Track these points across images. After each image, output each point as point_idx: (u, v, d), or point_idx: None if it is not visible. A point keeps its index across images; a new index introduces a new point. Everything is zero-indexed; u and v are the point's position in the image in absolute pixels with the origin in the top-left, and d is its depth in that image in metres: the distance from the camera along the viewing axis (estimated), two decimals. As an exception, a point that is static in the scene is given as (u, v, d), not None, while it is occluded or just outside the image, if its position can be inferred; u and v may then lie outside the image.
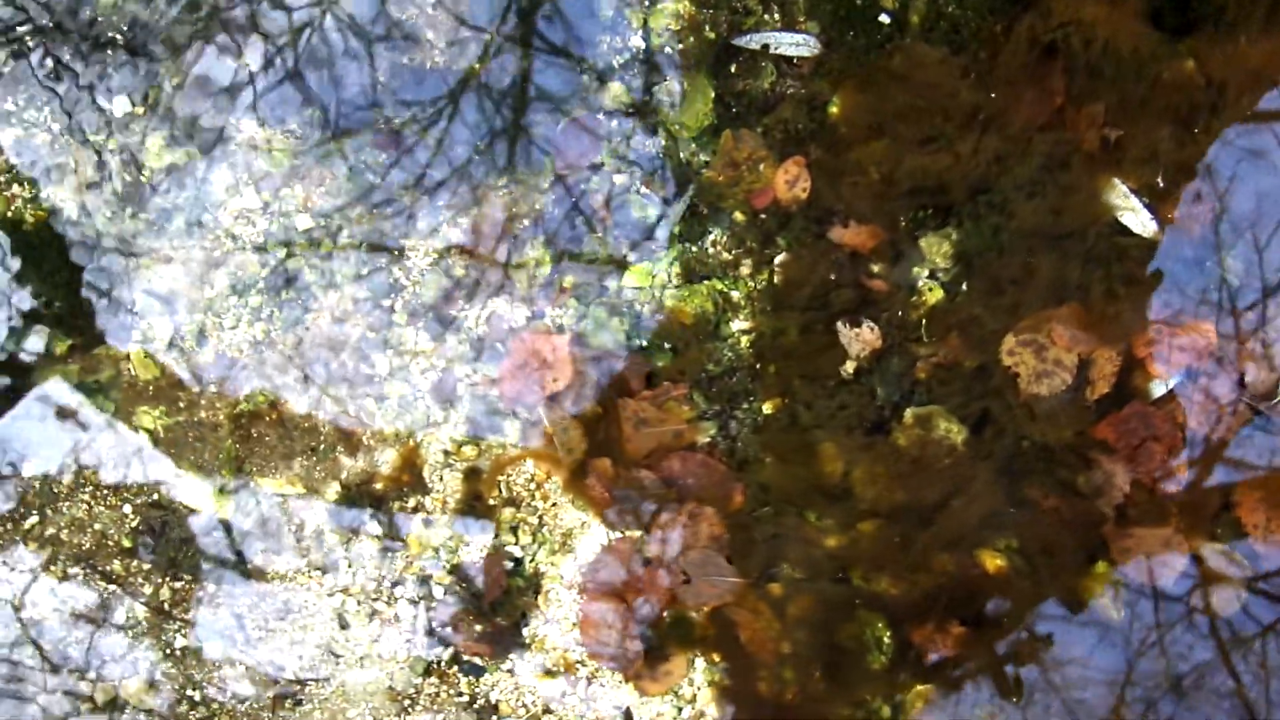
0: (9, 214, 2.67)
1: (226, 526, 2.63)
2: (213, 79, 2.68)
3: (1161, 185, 2.57)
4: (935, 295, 2.59)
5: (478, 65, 2.70)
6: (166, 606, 2.63)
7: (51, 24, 2.68)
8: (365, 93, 2.68)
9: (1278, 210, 2.54)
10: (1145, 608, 2.51)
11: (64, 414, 2.63)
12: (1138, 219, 2.56)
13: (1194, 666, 2.50)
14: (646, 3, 2.71)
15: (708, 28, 2.69)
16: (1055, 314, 2.55)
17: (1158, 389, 2.52)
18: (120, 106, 2.67)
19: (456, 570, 2.62)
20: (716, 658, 2.58)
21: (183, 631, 2.63)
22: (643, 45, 2.71)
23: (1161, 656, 2.51)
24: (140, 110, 2.68)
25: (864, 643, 2.53)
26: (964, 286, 2.60)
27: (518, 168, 2.68)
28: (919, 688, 2.51)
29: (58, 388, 2.64)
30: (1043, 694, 2.53)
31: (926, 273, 2.61)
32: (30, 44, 2.68)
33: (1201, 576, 2.51)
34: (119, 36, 2.68)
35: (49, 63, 2.68)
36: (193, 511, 2.63)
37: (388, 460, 2.63)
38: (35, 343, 2.64)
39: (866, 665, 2.53)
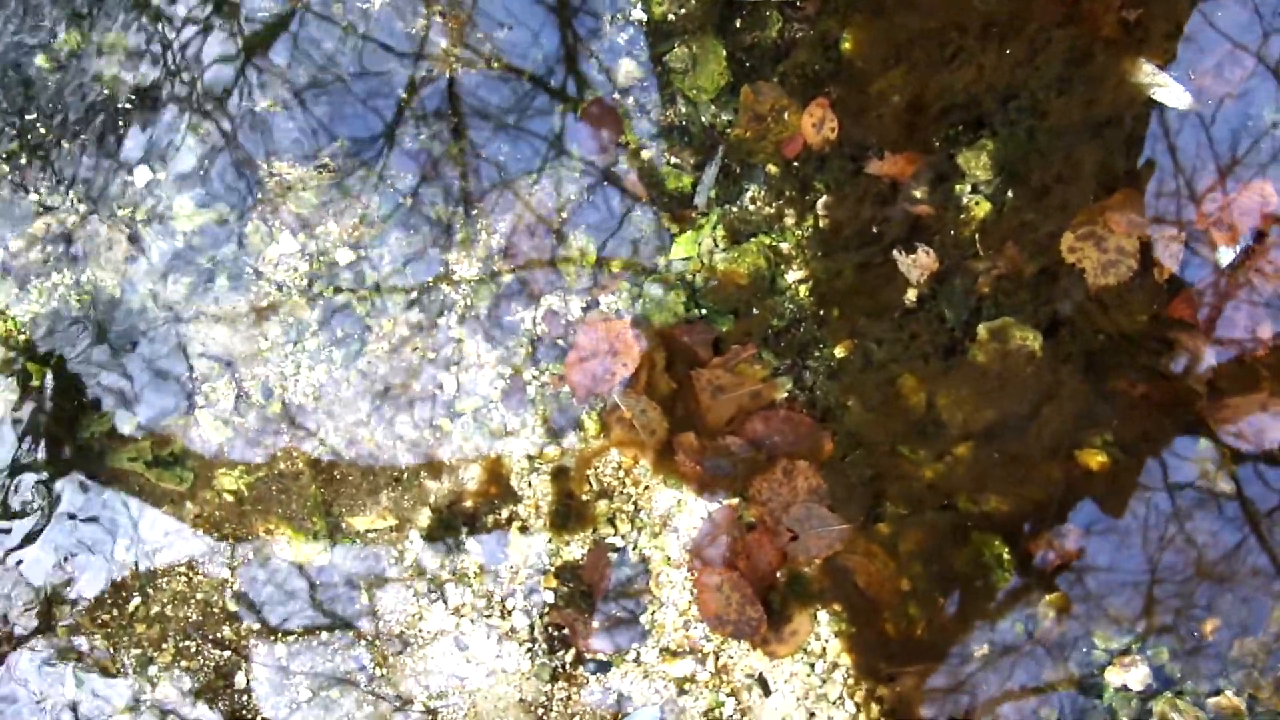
0: (54, 304, 2.64)
1: (327, 570, 2.60)
2: (228, 130, 2.65)
3: (1189, 55, 2.54)
4: (983, 208, 2.57)
5: (490, 66, 2.67)
6: (284, 663, 2.61)
7: (58, 106, 2.66)
8: (385, 113, 2.65)
9: (1309, 58, 2.53)
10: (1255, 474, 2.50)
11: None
12: (1171, 93, 2.54)
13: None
14: (640, -26, 2.69)
15: (706, -13, 2.68)
16: (1108, 203, 2.53)
17: (1226, 256, 2.50)
18: (142, 176, 2.65)
19: (563, 571, 2.60)
20: (838, 608, 2.56)
21: (305, 685, 2.60)
22: (644, 17, 2.69)
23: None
24: (162, 175, 2.65)
25: (984, 565, 2.51)
26: (1009, 194, 2.57)
27: (545, 163, 2.65)
28: (1048, 597, 2.49)
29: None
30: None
31: (969, 188, 2.58)
32: (41, 130, 2.66)
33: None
34: (127, 106, 2.66)
35: (64, 144, 2.65)
36: (291, 563, 2.61)
37: (473, 476, 2.61)
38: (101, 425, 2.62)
39: (991, 586, 2.51)
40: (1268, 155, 2.50)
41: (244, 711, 2.62)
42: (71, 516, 2.62)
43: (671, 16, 2.68)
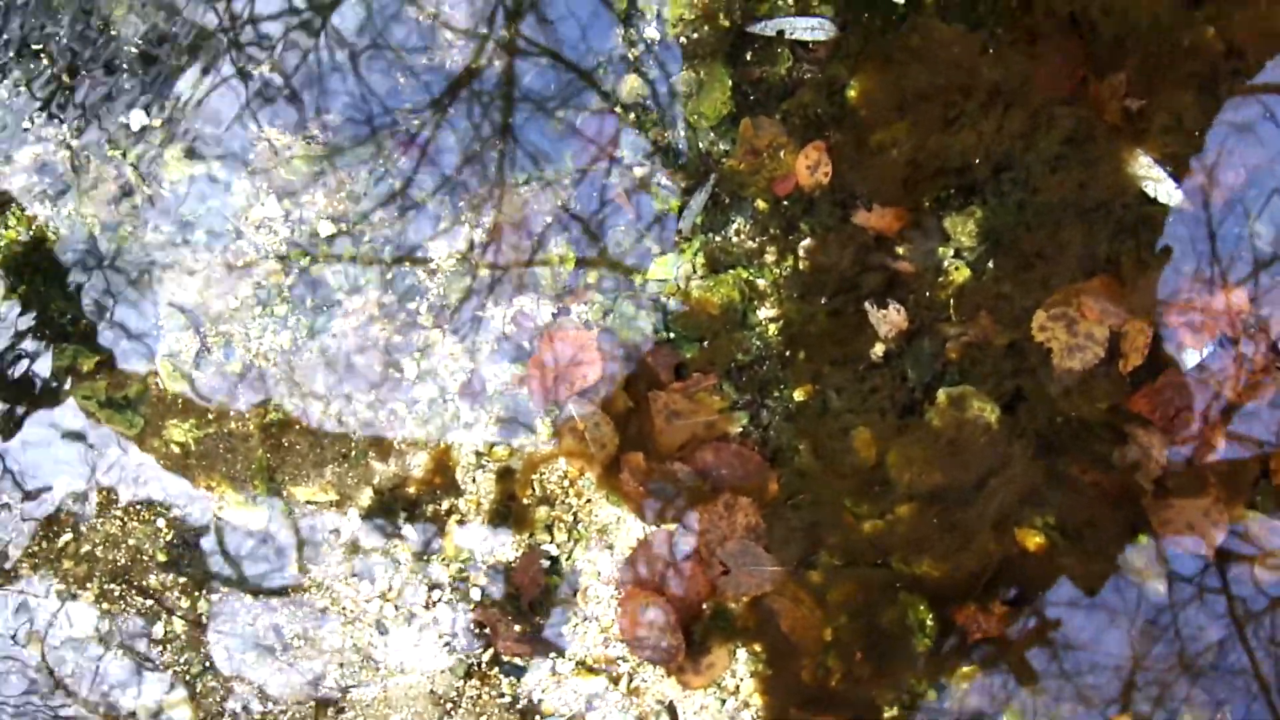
0: (32, 231, 2.66)
1: (261, 536, 2.61)
2: (231, 88, 2.66)
3: (1186, 154, 2.54)
4: (962, 274, 2.57)
5: (497, 64, 2.68)
6: (204, 620, 2.62)
7: (64, 38, 2.68)
8: (383, 95, 2.66)
9: (1305, 173, 2.53)
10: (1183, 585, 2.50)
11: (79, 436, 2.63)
12: (1163, 189, 2.54)
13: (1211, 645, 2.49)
14: (659, -7, 2.69)
15: (722, 15, 2.68)
16: (1085, 287, 2.53)
17: (1191, 358, 2.50)
18: (137, 120, 2.66)
19: (493, 571, 2.61)
20: (758, 648, 2.57)
21: (221, 644, 2.62)
22: (658, 36, 2.69)
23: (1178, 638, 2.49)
24: (158, 123, 2.66)
25: (907, 626, 2.52)
26: (990, 264, 2.58)
27: (537, 165, 2.66)
28: (964, 669, 2.49)
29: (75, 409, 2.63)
30: (1055, 680, 2.51)
31: (952, 252, 2.59)
32: (44, 59, 2.67)
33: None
34: (134, 49, 2.67)
35: (64, 78, 2.67)
36: (227, 524, 2.62)
37: (420, 464, 2.62)
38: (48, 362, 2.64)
39: (910, 649, 2.51)
40: (1248, 265, 2.50)
41: (156, 664, 2.63)
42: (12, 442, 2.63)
43: (684, 40, 2.69)
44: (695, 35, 2.69)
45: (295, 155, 2.64)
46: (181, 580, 2.62)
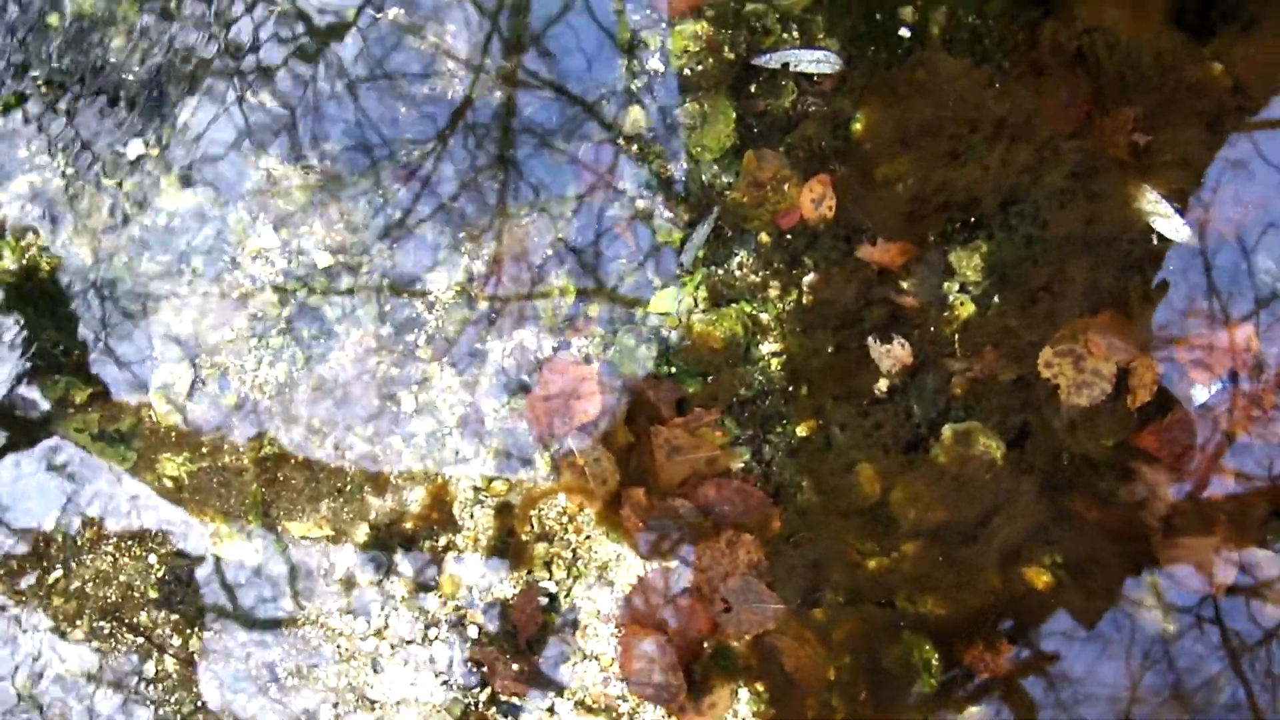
0: (24, 261, 2.62)
1: (255, 572, 2.57)
2: (229, 117, 2.64)
3: (1192, 190, 2.53)
4: (967, 309, 2.55)
5: (497, 95, 2.66)
6: (196, 657, 2.57)
7: (62, 67, 2.65)
8: (382, 125, 2.64)
9: (1313, 210, 2.51)
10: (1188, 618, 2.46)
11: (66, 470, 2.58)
12: (1170, 224, 2.53)
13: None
14: (664, 25, 2.67)
15: (727, 48, 2.66)
16: (1092, 323, 2.51)
17: (1200, 395, 2.48)
18: (134, 149, 2.63)
19: (491, 609, 2.56)
20: (761, 687, 2.53)
21: (214, 682, 2.56)
22: (661, 68, 2.67)
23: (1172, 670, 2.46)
24: (154, 152, 2.63)
25: (912, 666, 2.48)
26: (996, 299, 2.56)
27: (538, 196, 2.63)
28: (971, 709, 2.45)
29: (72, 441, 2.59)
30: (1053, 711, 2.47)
31: (957, 287, 2.56)
32: (41, 88, 2.64)
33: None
34: (131, 77, 2.65)
35: (61, 106, 2.64)
36: (220, 559, 2.58)
37: (417, 499, 2.58)
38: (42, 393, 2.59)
39: (915, 688, 2.47)
40: (1255, 301, 2.48)
41: (147, 702, 2.58)
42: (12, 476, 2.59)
43: (688, 72, 2.67)
44: (699, 67, 2.67)
45: (294, 185, 2.61)
46: (173, 617, 2.57)
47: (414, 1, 2.68)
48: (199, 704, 2.57)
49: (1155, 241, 2.52)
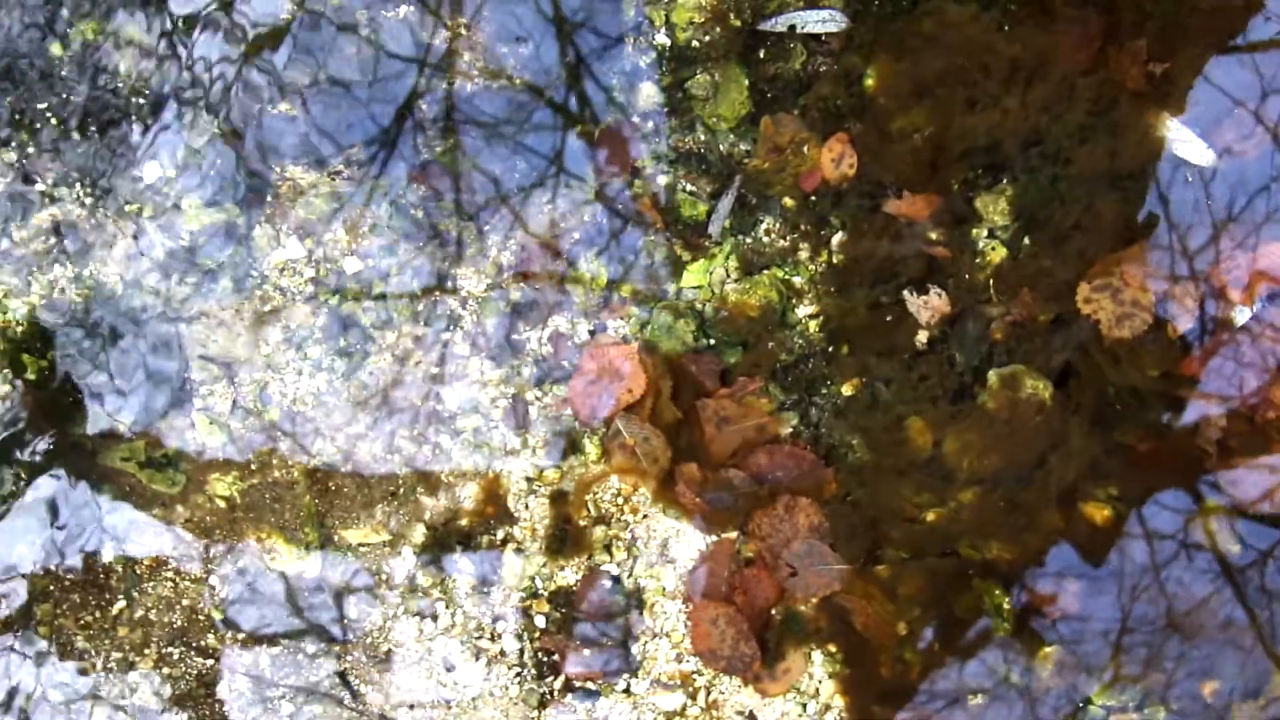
0: (55, 295, 2.59)
1: (317, 584, 2.56)
2: (247, 130, 2.62)
3: (1213, 113, 2.54)
4: (999, 253, 2.55)
5: (512, 81, 2.65)
6: (267, 674, 2.56)
7: (70, 95, 2.62)
8: (402, 124, 2.62)
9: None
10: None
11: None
12: (1194, 149, 2.53)
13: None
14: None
15: (732, 16, 2.66)
16: (1125, 255, 2.52)
17: (1241, 315, 2.49)
18: (151, 172, 2.61)
19: (556, 597, 2.56)
20: (833, 648, 2.53)
21: (286, 698, 2.55)
22: (668, 42, 2.66)
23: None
24: (172, 173, 2.61)
25: (982, 613, 2.48)
26: (1026, 241, 2.56)
27: (561, 183, 2.62)
28: (1045, 650, 2.46)
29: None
30: (1142, 649, 2.49)
31: (986, 232, 2.57)
32: (50, 119, 2.61)
33: None
34: (142, 100, 2.62)
35: (73, 136, 2.61)
36: (282, 574, 2.56)
37: (470, 495, 2.57)
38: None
39: (989, 635, 2.48)
40: (1288, 216, 2.50)
41: (224, 723, 2.57)
42: (57, 513, 2.56)
43: (696, 43, 2.66)
44: (707, 38, 2.66)
45: (320, 193, 2.59)
46: (240, 636, 2.56)
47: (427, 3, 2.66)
48: (275, 718, 2.56)
49: (1181, 168, 2.52)
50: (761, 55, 2.66)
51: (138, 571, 2.56)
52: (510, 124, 2.64)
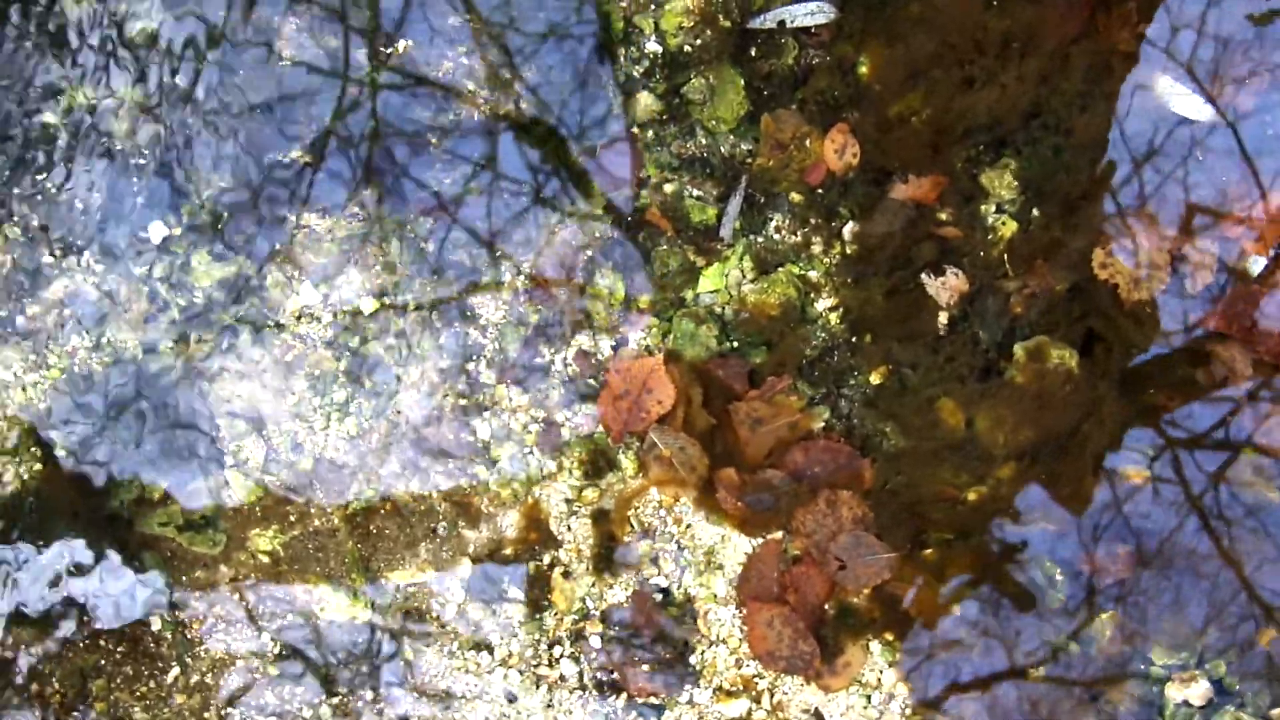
0: (75, 368, 2.56)
1: (369, 628, 2.54)
2: (248, 179, 2.59)
3: (1206, 67, 2.56)
4: (1010, 228, 2.57)
5: (513, 108, 2.64)
6: (329, 725, 2.54)
7: (68, 164, 2.59)
8: (408, 156, 2.61)
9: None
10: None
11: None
12: (1190, 104, 2.56)
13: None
14: (653, 6, 2.66)
15: (720, 17, 2.66)
16: (1136, 217, 2.53)
17: (1257, 265, 2.52)
18: (157, 232, 2.58)
19: (609, 615, 2.56)
20: (890, 637, 2.54)
21: (351, 746, 2.54)
22: (660, 49, 2.66)
23: None
24: (178, 230, 2.58)
25: (1035, 586, 2.50)
26: (1035, 213, 2.57)
27: (569, 202, 2.62)
28: (1103, 615, 2.48)
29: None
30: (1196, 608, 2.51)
31: (994, 208, 2.58)
32: (51, 188, 2.58)
33: None
34: (142, 160, 2.59)
35: (76, 204, 2.58)
36: (332, 622, 2.54)
37: (512, 523, 2.56)
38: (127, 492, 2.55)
39: (1044, 606, 2.49)
40: (1292, 162, 2.53)
41: (294, 779, 2.55)
42: (102, 586, 2.53)
43: (687, 48, 2.66)
44: (698, 41, 2.66)
45: (334, 236, 2.57)
46: (299, 690, 2.53)
47: (420, 40, 2.65)
48: (344, 771, 2.54)
49: (1183, 125, 2.54)
50: (754, 54, 2.67)
51: (188, 636, 2.53)
52: (514, 149, 2.63)
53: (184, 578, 2.55)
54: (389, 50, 2.64)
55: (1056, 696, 2.47)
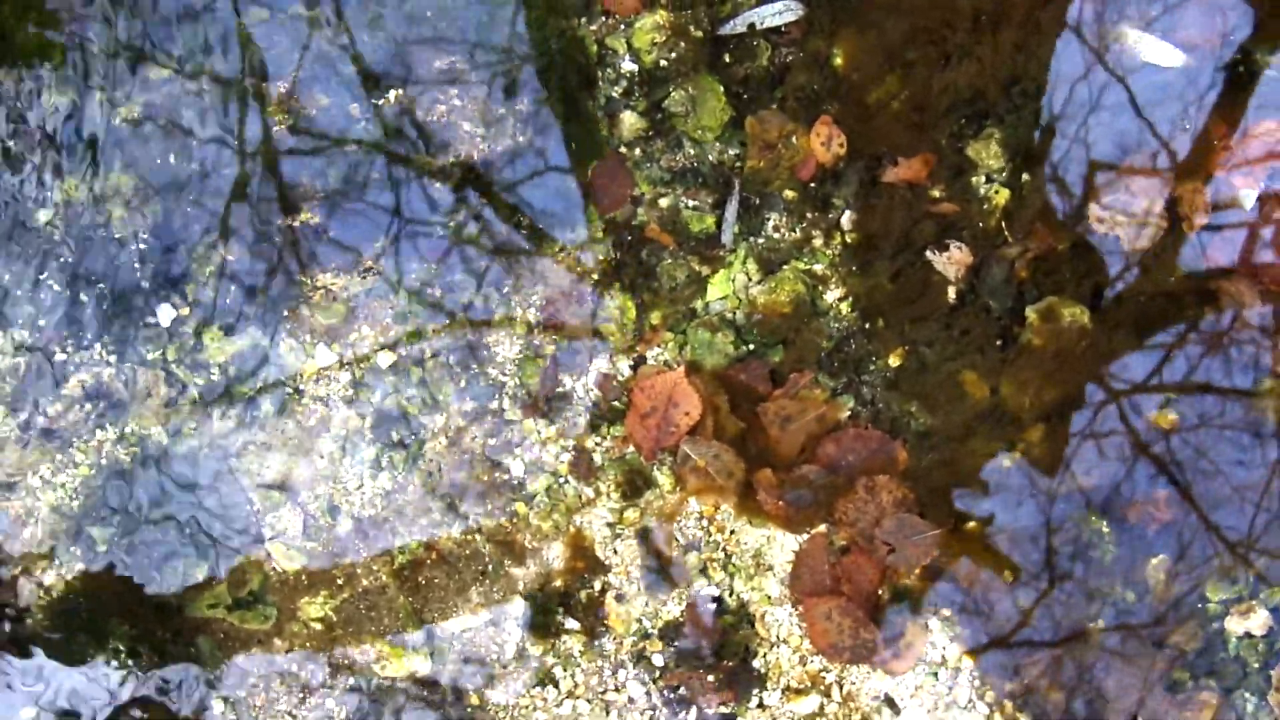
0: (103, 461, 2.53)
1: (432, 682, 2.52)
2: (256, 253, 2.58)
3: (1171, 15, 2.61)
4: (1003, 195, 2.60)
5: (511, 142, 2.65)
6: (407, 782, 2.52)
7: (68, 258, 2.56)
8: (403, 202, 2.61)
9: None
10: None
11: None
12: (1161, 51, 2.61)
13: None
14: (623, 26, 2.68)
15: (691, 28, 2.68)
16: (1126, 168, 2.58)
17: (1249, 199, 2.56)
18: (165, 315, 2.56)
19: (667, 632, 2.56)
20: (947, 613, 2.55)
21: (430, 800, 2.52)
22: (635, 67, 2.68)
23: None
24: (186, 311, 2.56)
25: (1084, 542, 2.52)
26: (1025, 177, 2.61)
27: (569, 229, 2.63)
28: (1154, 561, 2.51)
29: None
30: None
31: (984, 178, 2.61)
32: (55, 285, 2.56)
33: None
34: (142, 246, 2.57)
35: (81, 297, 2.56)
36: (394, 680, 2.53)
37: (558, 555, 2.56)
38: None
39: (1095, 560, 2.52)
40: (1267, 95, 2.57)
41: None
42: (164, 678, 2.50)
43: (663, 62, 2.68)
44: (672, 54, 2.68)
45: (343, 296, 2.56)
46: (373, 752, 2.52)
47: (417, 80, 2.65)
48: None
49: (1156, 74, 2.59)
50: (728, 59, 2.69)
51: (252, 713, 2.51)
52: (507, 180, 2.63)
53: (240, 656, 2.52)
54: (379, 101, 2.64)
55: (1121, 645, 2.49)
